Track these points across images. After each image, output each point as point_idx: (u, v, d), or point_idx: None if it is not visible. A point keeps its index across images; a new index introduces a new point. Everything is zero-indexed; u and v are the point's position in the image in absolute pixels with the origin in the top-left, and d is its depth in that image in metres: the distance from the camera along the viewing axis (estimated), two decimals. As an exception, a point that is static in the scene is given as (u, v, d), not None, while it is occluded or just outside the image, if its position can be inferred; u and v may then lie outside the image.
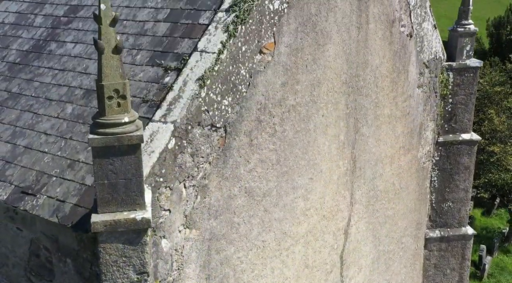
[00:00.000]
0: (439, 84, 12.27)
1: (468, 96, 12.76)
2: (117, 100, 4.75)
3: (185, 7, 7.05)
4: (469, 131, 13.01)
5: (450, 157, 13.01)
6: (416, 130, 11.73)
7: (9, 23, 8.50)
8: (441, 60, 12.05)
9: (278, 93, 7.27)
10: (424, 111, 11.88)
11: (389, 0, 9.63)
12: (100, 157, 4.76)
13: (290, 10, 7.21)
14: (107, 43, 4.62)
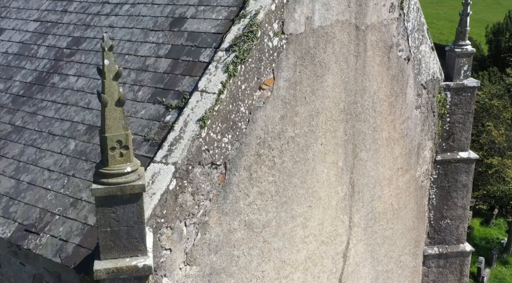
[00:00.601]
0: (437, 103, 12.40)
1: (466, 115, 12.89)
2: (119, 150, 4.87)
3: (185, 43, 7.18)
4: (467, 149, 13.15)
5: (448, 175, 13.15)
6: (414, 150, 11.86)
7: (12, 53, 8.63)
8: (438, 80, 12.18)
9: (277, 127, 7.40)
10: (422, 131, 12.01)
11: (386, 27, 9.76)
12: (103, 206, 4.89)
13: (288, 45, 7.34)
14: (111, 97, 4.75)
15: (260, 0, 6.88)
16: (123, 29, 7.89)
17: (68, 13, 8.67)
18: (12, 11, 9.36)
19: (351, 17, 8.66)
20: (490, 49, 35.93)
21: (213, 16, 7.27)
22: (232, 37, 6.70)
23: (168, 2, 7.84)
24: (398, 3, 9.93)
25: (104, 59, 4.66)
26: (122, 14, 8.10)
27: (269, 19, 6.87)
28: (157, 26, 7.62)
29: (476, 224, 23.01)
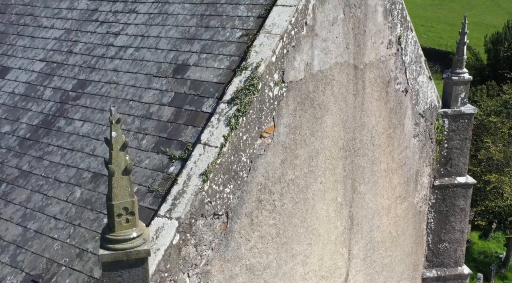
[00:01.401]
0: (434, 130, 12.59)
1: (463, 141, 13.09)
2: (126, 216, 5.07)
3: (188, 92, 7.38)
4: (464, 174, 13.35)
5: (446, 199, 13.35)
6: (413, 177, 12.05)
7: (19, 93, 8.82)
8: (436, 108, 12.38)
9: (277, 171, 7.60)
10: (420, 158, 12.20)
11: (384, 63, 9.96)
12: (110, 270, 5.09)
13: (289, 92, 7.53)
14: (118, 166, 4.95)
15: (261, 52, 7.07)
16: (128, 73, 8.08)
17: (74, 54, 8.87)
18: (18, 50, 9.56)
19: (349, 58, 8.86)
20: (489, 58, 36.12)
21: (215, 65, 7.46)
22: (234, 89, 6.90)
23: (171, 48, 8.04)
24: (396, 39, 10.12)
25: (111, 131, 4.86)
26: (127, 58, 8.29)
27: (269, 71, 7.07)
28: (160, 72, 7.82)
29: (474, 238, 23.19)
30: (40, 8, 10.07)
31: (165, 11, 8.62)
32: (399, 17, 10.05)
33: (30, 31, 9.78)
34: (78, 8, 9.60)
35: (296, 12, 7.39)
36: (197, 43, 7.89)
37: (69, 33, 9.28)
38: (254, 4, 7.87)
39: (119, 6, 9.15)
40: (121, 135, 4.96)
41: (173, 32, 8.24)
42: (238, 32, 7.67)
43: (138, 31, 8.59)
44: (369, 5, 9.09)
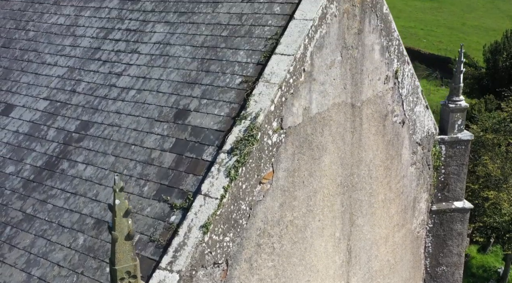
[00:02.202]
0: (432, 156, 12.77)
1: (460, 166, 13.27)
2: (128, 280, 5.25)
3: (189, 138, 7.55)
4: (461, 199, 13.53)
5: (444, 224, 13.53)
6: (410, 204, 12.23)
7: (23, 132, 9.00)
8: (433, 135, 12.55)
9: (276, 214, 7.77)
10: (417, 185, 12.38)
11: (381, 98, 10.13)
12: (114, 331, 5.27)
13: (287, 138, 7.71)
14: (120, 233, 5.13)
15: (260, 102, 7.25)
16: (130, 116, 8.26)
17: (77, 94, 9.04)
18: (22, 87, 9.74)
19: (347, 98, 9.04)
20: (488, 68, 36.32)
21: (215, 111, 7.64)
22: (234, 138, 7.07)
23: (172, 92, 8.22)
24: (393, 73, 10.30)
25: (115, 199, 5.03)
26: (129, 100, 8.47)
27: (268, 120, 7.24)
28: (162, 117, 7.99)
29: (473, 252, 23.36)
30: (44, 44, 10.25)
31: (167, 52, 8.80)
32: (396, 52, 10.22)
33: (34, 67, 9.95)
34: (81, 45, 9.78)
35: (294, 61, 7.57)
36: (198, 88, 8.06)
37: (72, 72, 9.45)
38: (253, 50, 8.04)
39: (122, 46, 9.33)
40: (124, 201, 5.13)
41: (174, 75, 8.42)
42: (238, 78, 7.85)
43: (140, 73, 8.76)
44: (366, 44, 9.27)
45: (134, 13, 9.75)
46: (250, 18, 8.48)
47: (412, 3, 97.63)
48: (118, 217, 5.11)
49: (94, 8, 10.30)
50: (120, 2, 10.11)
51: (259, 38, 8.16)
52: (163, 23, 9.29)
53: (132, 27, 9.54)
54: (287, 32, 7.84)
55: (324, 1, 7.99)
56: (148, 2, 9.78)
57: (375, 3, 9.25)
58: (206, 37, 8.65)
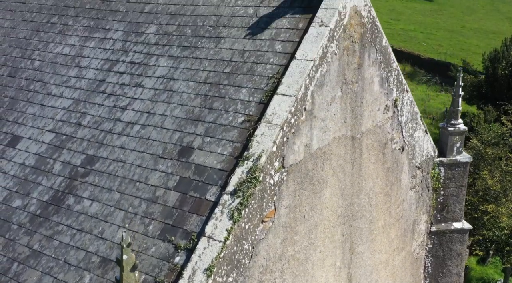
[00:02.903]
0: (431, 179, 12.94)
1: (459, 188, 13.45)
2: (136, 330, 5.43)
3: (193, 177, 7.73)
4: (460, 220, 13.71)
5: (443, 244, 13.70)
6: (410, 228, 12.40)
7: (29, 165, 9.17)
8: (432, 158, 12.72)
9: (278, 250, 7.95)
10: (417, 208, 12.55)
11: (381, 128, 10.31)
12: None
13: (289, 176, 7.88)
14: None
15: (262, 143, 7.42)
16: (134, 152, 8.44)
17: (82, 127, 9.22)
18: (28, 118, 9.91)
19: (347, 131, 9.21)
20: (487, 76, 36.51)
21: (218, 150, 7.82)
22: (236, 180, 7.24)
23: (176, 128, 8.39)
24: (392, 102, 10.47)
25: (123, 254, 5.21)
26: (133, 135, 8.64)
27: (270, 161, 7.42)
28: (166, 154, 8.17)
29: (472, 263, 23.53)
30: (49, 74, 10.43)
31: (170, 87, 8.97)
32: (395, 82, 10.40)
33: (40, 98, 10.13)
34: (86, 77, 9.95)
35: (295, 101, 7.75)
36: (201, 125, 8.24)
37: (78, 104, 9.63)
38: (255, 88, 8.22)
39: (126, 79, 9.51)
40: (132, 255, 5.31)
41: (178, 111, 8.59)
42: (241, 117, 8.02)
43: (144, 107, 8.94)
44: (366, 78, 9.44)
45: (138, 45, 9.93)
46: (252, 55, 8.66)
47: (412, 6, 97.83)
48: (126, 272, 5.28)
49: (99, 39, 10.48)
50: (125, 33, 10.28)
51: (261, 76, 8.33)
52: (167, 56, 9.46)
53: (136, 59, 9.71)
54: (289, 72, 8.01)
55: (324, 41, 8.17)
56: (152, 34, 9.96)
57: (374, 37, 9.43)
58: (209, 73, 8.82)
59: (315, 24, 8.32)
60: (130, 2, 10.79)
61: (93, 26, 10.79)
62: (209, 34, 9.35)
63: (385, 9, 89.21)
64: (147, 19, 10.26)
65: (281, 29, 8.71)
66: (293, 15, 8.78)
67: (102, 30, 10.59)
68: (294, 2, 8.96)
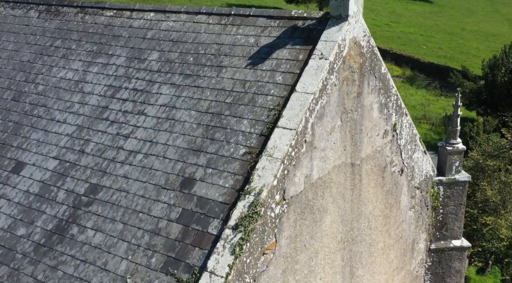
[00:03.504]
0: (430, 198, 13.07)
1: (458, 206, 13.59)
2: None
3: (195, 209, 7.86)
4: (459, 238, 13.86)
5: (442, 262, 13.85)
6: (409, 247, 12.53)
7: (33, 193, 9.31)
8: (431, 178, 12.85)
9: (279, 281, 8.08)
10: (416, 227, 12.68)
11: (380, 152, 10.44)
12: None
13: (289, 207, 8.02)
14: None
15: (264, 177, 7.56)
16: (137, 182, 8.57)
17: (85, 155, 9.35)
18: (32, 144, 10.04)
19: (346, 158, 9.34)
20: (486, 83, 36.66)
21: (220, 182, 7.95)
22: (238, 214, 7.38)
23: (178, 158, 8.52)
24: (391, 127, 10.60)
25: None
26: (136, 165, 8.77)
27: (271, 194, 7.55)
28: (168, 184, 8.30)
29: (472, 273, 23.66)
30: (53, 100, 10.56)
31: (173, 116, 9.10)
32: (394, 107, 10.53)
33: (44, 124, 10.26)
34: (90, 103, 10.09)
35: (296, 135, 7.88)
36: (203, 156, 8.37)
37: (81, 131, 9.76)
38: (256, 120, 8.35)
39: (129, 106, 9.64)
40: (137, 300, 5.44)
41: (180, 141, 8.72)
42: (242, 149, 8.16)
43: (147, 136, 9.07)
44: (365, 105, 9.58)
45: (140, 72, 10.06)
46: (253, 85, 8.79)
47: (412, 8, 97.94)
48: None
49: (102, 64, 10.61)
50: (127, 59, 10.42)
51: (262, 108, 8.46)
52: (169, 84, 9.60)
53: (139, 86, 9.85)
54: (289, 105, 8.14)
55: (324, 74, 8.30)
56: (154, 61, 10.09)
57: (373, 66, 9.56)
58: (210, 103, 8.96)
59: (315, 57, 8.46)
60: (132, 27, 10.93)
61: (96, 51, 10.93)
62: (210, 63, 9.49)
63: (385, 11, 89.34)
64: (150, 45, 10.39)
65: (281, 60, 8.85)
66: (294, 46, 8.91)
67: (105, 55, 10.72)
68: (294, 32, 9.09)
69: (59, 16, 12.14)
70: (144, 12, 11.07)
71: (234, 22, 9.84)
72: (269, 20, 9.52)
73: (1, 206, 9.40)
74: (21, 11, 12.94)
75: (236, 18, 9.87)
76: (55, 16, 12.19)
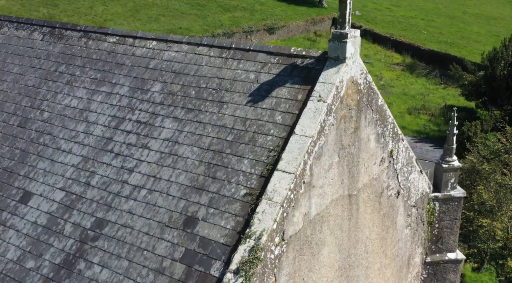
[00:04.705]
0: (426, 213, 13.42)
1: (453, 220, 13.95)
2: None
3: (198, 249, 8.21)
4: (454, 250, 14.25)
5: (437, 274, 14.25)
6: (405, 263, 12.91)
7: (41, 224, 9.65)
8: (427, 194, 13.18)
9: (278, 315, 8.44)
10: (412, 243, 13.05)
11: (377, 180, 10.75)
12: None
13: (288, 247, 8.36)
14: None
15: (264, 221, 7.89)
16: (142, 218, 8.90)
17: (91, 187, 9.67)
18: (39, 173, 10.35)
19: (344, 191, 9.66)
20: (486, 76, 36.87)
21: (222, 223, 8.28)
22: (239, 258, 7.71)
23: (181, 196, 8.84)
24: (388, 154, 10.90)
25: None
26: (140, 200, 9.10)
27: (271, 238, 7.89)
28: (172, 223, 8.63)
29: (468, 270, 24.13)
30: (58, 128, 10.84)
31: (175, 152, 9.40)
32: (391, 134, 10.82)
33: (50, 153, 10.56)
34: (94, 134, 10.38)
35: (295, 178, 8.19)
36: (205, 195, 8.69)
37: (86, 162, 10.07)
38: (256, 160, 8.65)
39: (132, 139, 9.93)
40: None
41: (182, 178, 9.03)
42: (243, 189, 8.47)
43: (151, 171, 9.38)
44: (362, 138, 9.87)
45: (144, 103, 10.33)
46: (254, 124, 9.08)
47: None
48: None
49: (106, 93, 10.88)
50: (130, 89, 10.68)
51: (262, 148, 8.76)
52: (172, 118, 9.88)
53: (142, 119, 10.13)
54: (288, 148, 8.44)
55: (322, 116, 8.58)
56: (157, 93, 10.36)
57: (370, 100, 9.83)
58: (212, 140, 9.25)
59: (314, 99, 8.73)
60: (135, 56, 11.17)
61: (100, 78, 11.18)
62: (212, 98, 9.75)
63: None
64: (152, 76, 10.65)
65: (281, 99, 9.12)
66: (293, 85, 9.18)
67: (109, 84, 10.98)
68: (293, 71, 9.35)
69: (62, 39, 12.37)
70: (147, 40, 11.30)
71: (234, 56, 10.08)
72: (269, 56, 9.76)
73: (10, 237, 9.74)
74: (25, 32, 13.15)
75: (237, 52, 10.11)
76: (59, 40, 12.42)
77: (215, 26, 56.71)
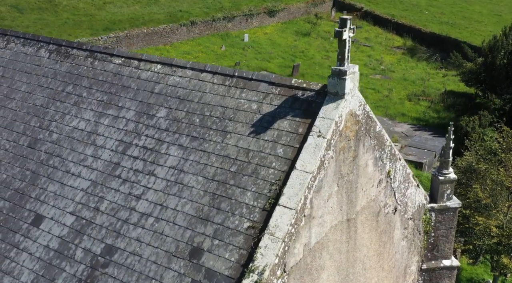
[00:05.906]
0: (422, 223, 13.88)
1: (449, 229, 14.42)
2: None
3: (203, 280, 8.66)
4: (449, 257, 14.75)
5: (433, 280, 14.77)
6: (402, 273, 13.41)
7: (53, 249, 10.10)
8: (424, 206, 13.62)
9: None
10: (409, 253, 13.53)
11: (375, 200, 11.17)
12: None
13: (289, 277, 8.80)
14: None
15: (266, 256, 8.32)
16: (149, 247, 9.34)
17: (100, 213, 10.10)
18: (49, 196, 10.77)
19: (343, 217, 10.09)
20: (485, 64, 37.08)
21: (226, 255, 8.72)
22: (243, 294, 8.17)
23: (187, 226, 9.27)
24: (385, 175, 11.30)
25: None
26: (148, 228, 9.53)
27: (273, 272, 8.33)
28: (178, 252, 9.07)
29: (463, 263, 24.70)
30: (67, 150, 11.23)
31: (181, 180, 9.80)
32: (388, 156, 11.20)
33: (59, 176, 10.96)
34: (102, 158, 10.77)
35: (296, 213, 8.60)
36: (210, 226, 9.11)
37: (95, 187, 10.47)
38: (259, 193, 9.06)
39: (139, 165, 10.32)
40: None
41: (188, 208, 9.45)
42: (246, 222, 8.89)
43: (157, 199, 9.79)
44: (360, 165, 10.26)
45: (149, 129, 10.70)
46: (256, 156, 9.46)
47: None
48: None
49: (113, 117, 11.23)
50: (137, 114, 11.03)
51: (264, 181, 9.15)
52: (177, 145, 10.25)
53: (149, 145, 10.50)
54: (289, 183, 8.83)
55: (322, 152, 8.96)
56: (162, 119, 10.72)
57: (368, 128, 10.20)
58: (216, 170, 9.64)
59: (314, 134, 9.10)
60: (140, 79, 11.50)
61: (107, 101, 11.53)
62: (216, 126, 10.12)
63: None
64: (158, 101, 10.99)
65: (282, 132, 9.48)
66: (294, 118, 9.53)
67: (115, 107, 11.33)
68: (294, 103, 9.70)
69: (69, 58, 12.68)
70: (152, 64, 11.62)
71: (237, 85, 10.42)
72: (271, 86, 10.10)
73: (24, 260, 10.20)
74: (32, 48, 13.45)
75: (240, 80, 10.45)
76: (65, 58, 12.73)
77: (215, 9, 56.58)
